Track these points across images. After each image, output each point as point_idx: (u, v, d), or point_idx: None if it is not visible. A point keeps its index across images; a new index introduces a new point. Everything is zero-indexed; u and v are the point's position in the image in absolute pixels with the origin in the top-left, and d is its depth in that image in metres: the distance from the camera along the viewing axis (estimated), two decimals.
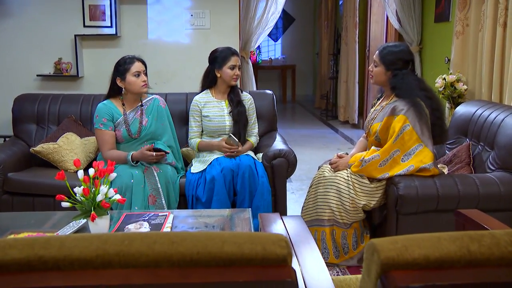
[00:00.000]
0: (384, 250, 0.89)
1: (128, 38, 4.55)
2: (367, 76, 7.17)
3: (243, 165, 2.95)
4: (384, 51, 2.70)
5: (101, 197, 2.04)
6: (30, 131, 3.58)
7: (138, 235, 0.93)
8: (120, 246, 0.89)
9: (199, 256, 0.88)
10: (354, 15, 7.06)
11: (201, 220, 2.47)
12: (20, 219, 2.34)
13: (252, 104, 3.35)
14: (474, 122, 3.03)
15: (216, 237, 0.92)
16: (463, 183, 2.58)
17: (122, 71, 2.96)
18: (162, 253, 0.89)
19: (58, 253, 0.88)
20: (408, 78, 2.63)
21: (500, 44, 3.46)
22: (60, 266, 0.87)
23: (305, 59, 10.78)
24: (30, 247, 0.89)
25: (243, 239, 0.92)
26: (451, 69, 4.07)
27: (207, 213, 2.51)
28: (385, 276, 0.88)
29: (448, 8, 4.45)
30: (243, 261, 0.89)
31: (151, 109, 3.12)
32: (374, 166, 2.62)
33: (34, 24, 4.41)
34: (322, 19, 9.15)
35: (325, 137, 6.90)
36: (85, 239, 0.92)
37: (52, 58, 4.46)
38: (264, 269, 0.89)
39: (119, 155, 2.95)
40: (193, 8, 4.61)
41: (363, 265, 0.98)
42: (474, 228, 1.65)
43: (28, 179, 3.13)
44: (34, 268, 0.87)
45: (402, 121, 2.58)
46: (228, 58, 3.17)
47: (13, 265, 0.87)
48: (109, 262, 0.88)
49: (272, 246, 0.90)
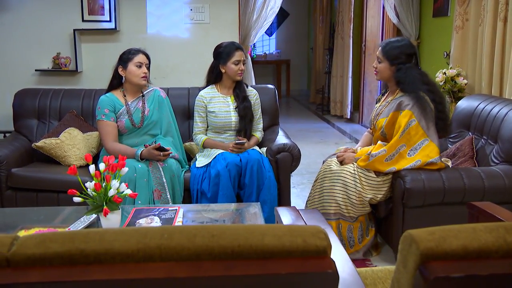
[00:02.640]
0: (423, 241, 0.90)
1: (127, 32, 4.52)
2: (363, 70, 7.20)
3: (252, 159, 2.96)
4: (387, 46, 2.72)
5: (113, 191, 2.03)
6: (31, 126, 3.55)
7: (176, 229, 0.93)
8: (160, 239, 0.90)
9: (240, 248, 0.89)
10: (349, 10, 7.07)
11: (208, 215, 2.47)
12: (28, 215, 2.33)
13: (257, 99, 3.35)
14: (477, 116, 3.05)
15: (255, 229, 0.93)
16: (468, 176, 2.60)
17: (125, 60, 3.00)
18: (204, 246, 0.89)
19: (99, 247, 0.88)
20: (412, 71, 2.65)
21: (501, 38, 3.49)
22: (102, 260, 0.88)
23: (299, 53, 10.79)
24: (71, 241, 0.89)
25: (282, 231, 0.92)
26: (451, 63, 4.10)
27: (216, 208, 2.51)
28: (424, 266, 0.89)
29: (447, 3, 4.47)
30: (283, 253, 0.89)
31: (152, 99, 3.14)
32: (380, 160, 2.64)
33: (32, 19, 4.37)
34: (317, 13, 9.15)
35: (322, 131, 6.92)
36: (124, 232, 0.92)
37: (51, 53, 4.43)
38: (304, 260, 0.90)
39: (125, 149, 2.94)
40: (192, 2, 4.59)
41: (397, 257, 0.99)
42: (488, 220, 1.68)
43: (32, 174, 3.11)
44: (76, 262, 0.87)
45: (408, 116, 2.59)
46: (232, 53, 3.16)
47: (56, 258, 0.87)
48: (150, 256, 0.88)
49: (312, 238, 0.91)
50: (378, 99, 2.96)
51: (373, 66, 2.82)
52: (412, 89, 2.62)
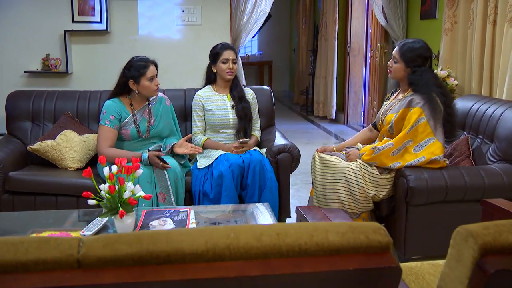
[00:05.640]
0: (480, 235, 0.94)
1: (118, 33, 4.48)
2: (348, 72, 7.30)
3: (254, 160, 2.97)
4: (404, 47, 2.77)
5: (129, 193, 2.02)
6: (25, 128, 3.48)
7: (241, 228, 0.94)
8: (227, 239, 0.91)
9: (307, 246, 0.91)
10: (334, 12, 7.15)
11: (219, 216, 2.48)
12: (37, 218, 2.29)
13: (254, 99, 3.38)
14: (472, 116, 3.14)
15: (318, 227, 0.95)
16: (469, 174, 2.68)
17: (137, 75, 2.93)
18: (271, 244, 0.90)
19: (168, 247, 0.88)
20: (427, 75, 2.71)
21: (490, 41, 3.59)
22: (172, 260, 0.88)
23: (281, 55, 10.86)
24: (139, 242, 0.89)
25: (344, 228, 0.95)
26: (440, 64, 4.19)
27: (225, 208, 2.52)
28: (483, 260, 0.92)
29: (435, 6, 4.58)
30: (349, 249, 0.92)
31: (158, 108, 3.13)
32: (386, 154, 2.69)
33: (21, 19, 4.29)
34: (300, 15, 9.23)
35: (308, 132, 6.98)
36: (189, 233, 0.93)
37: (40, 54, 4.35)
38: (368, 256, 0.92)
39: (125, 154, 2.88)
40: (184, 4, 4.58)
41: (449, 252, 1.03)
42: (503, 216, 1.73)
43: (30, 178, 3.05)
44: (147, 263, 0.87)
45: (418, 113, 2.65)
46: (220, 52, 3.19)
47: (127, 260, 0.87)
48: (220, 255, 0.89)
49: (373, 235, 0.94)
50: (387, 97, 3.03)
51: (388, 64, 2.87)
52: (424, 91, 2.68)
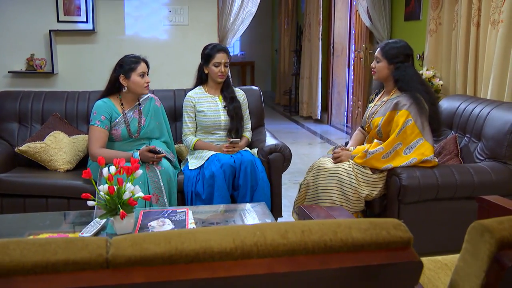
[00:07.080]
0: (496, 230, 0.97)
1: (104, 33, 4.44)
2: (331, 72, 7.37)
3: (245, 160, 2.98)
4: (386, 47, 2.83)
5: (129, 194, 2.01)
6: (12, 130, 3.42)
7: (266, 226, 0.95)
8: (254, 236, 0.92)
9: (332, 242, 0.93)
10: (317, 13, 7.21)
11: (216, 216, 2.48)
12: (33, 220, 2.26)
13: (245, 100, 3.38)
14: (459, 115, 3.21)
15: (340, 224, 0.97)
16: (459, 172, 2.74)
17: (127, 70, 2.92)
18: (297, 241, 0.92)
19: (196, 246, 0.89)
20: (410, 70, 2.77)
21: (474, 42, 3.68)
22: (201, 259, 0.89)
23: (263, 55, 10.89)
24: (167, 241, 0.90)
25: (366, 225, 0.97)
26: (426, 65, 4.28)
27: (220, 208, 2.53)
28: (500, 254, 0.95)
29: (419, 7, 4.67)
30: (372, 245, 0.94)
31: (148, 108, 3.10)
32: (378, 158, 2.73)
33: (4, 19, 4.21)
34: (282, 16, 9.27)
35: (293, 132, 7.02)
36: (216, 232, 0.94)
37: (24, 54, 4.28)
38: (391, 252, 0.94)
39: (115, 154, 2.86)
40: (171, 4, 4.56)
41: (464, 246, 1.06)
42: (500, 212, 1.79)
43: (20, 180, 3.01)
44: (176, 261, 0.88)
45: (405, 116, 2.70)
46: (213, 55, 3.18)
47: (157, 259, 0.87)
48: (248, 253, 0.90)
49: (394, 230, 0.96)
50: (371, 99, 3.06)
51: (371, 66, 2.91)
52: (410, 87, 2.73)
